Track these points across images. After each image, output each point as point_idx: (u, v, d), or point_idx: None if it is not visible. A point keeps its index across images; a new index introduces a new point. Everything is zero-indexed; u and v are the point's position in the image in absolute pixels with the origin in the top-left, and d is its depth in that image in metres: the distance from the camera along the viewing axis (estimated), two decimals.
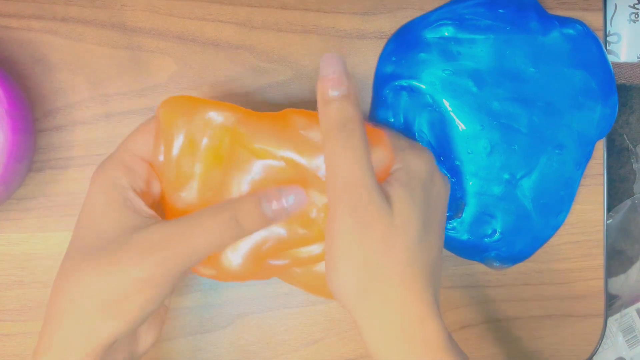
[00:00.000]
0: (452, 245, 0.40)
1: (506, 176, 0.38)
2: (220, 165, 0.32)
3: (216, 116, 0.32)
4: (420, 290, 0.29)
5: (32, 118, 0.37)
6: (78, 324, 0.28)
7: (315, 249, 0.32)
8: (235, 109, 0.32)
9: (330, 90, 0.29)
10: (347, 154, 0.29)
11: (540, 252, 0.41)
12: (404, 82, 0.38)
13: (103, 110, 0.39)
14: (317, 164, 0.31)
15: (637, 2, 0.43)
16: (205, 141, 0.32)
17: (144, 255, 0.28)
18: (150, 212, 0.31)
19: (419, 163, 0.31)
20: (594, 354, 0.43)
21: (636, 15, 0.43)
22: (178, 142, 0.32)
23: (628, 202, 0.47)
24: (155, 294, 0.29)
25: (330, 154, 0.29)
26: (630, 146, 0.47)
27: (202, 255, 0.29)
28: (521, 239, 0.40)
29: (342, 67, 0.29)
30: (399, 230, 0.29)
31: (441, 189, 0.32)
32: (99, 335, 0.28)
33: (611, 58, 0.43)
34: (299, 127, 0.31)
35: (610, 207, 0.47)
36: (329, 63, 0.29)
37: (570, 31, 0.40)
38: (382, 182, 0.31)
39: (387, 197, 0.29)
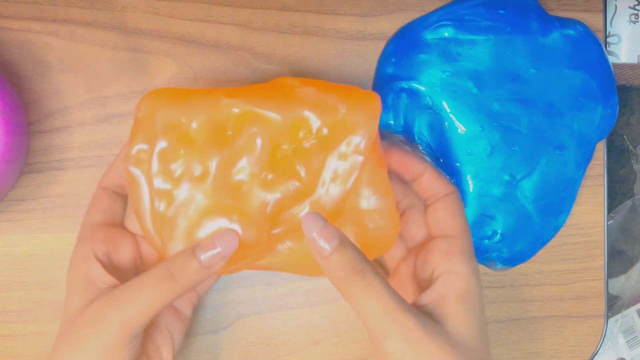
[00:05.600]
0: None
1: (506, 177, 0.38)
2: (219, 147, 0.31)
3: (202, 99, 0.32)
4: None
5: (26, 119, 0.37)
6: None
7: (306, 207, 0.33)
8: (217, 89, 0.32)
9: (326, 246, 0.30)
10: (372, 291, 0.29)
11: (540, 253, 0.41)
12: (404, 84, 0.38)
13: (103, 112, 0.39)
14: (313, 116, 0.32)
15: (637, 3, 0.43)
16: (194, 126, 0.31)
17: (95, 325, 0.30)
18: (109, 280, 0.32)
19: (478, 275, 0.32)
20: (595, 355, 0.43)
21: (636, 17, 0.43)
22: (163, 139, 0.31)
23: (628, 202, 0.47)
24: (121, 356, 0.30)
25: (357, 299, 0.30)
26: (631, 147, 0.47)
27: (146, 315, 0.30)
28: (522, 240, 0.40)
29: (323, 221, 0.30)
30: (456, 348, 0.30)
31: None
32: None
33: (611, 59, 0.43)
34: (295, 87, 0.32)
35: (611, 208, 0.47)
36: (311, 222, 0.30)
37: (571, 32, 0.40)
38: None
39: (437, 314, 0.31)
